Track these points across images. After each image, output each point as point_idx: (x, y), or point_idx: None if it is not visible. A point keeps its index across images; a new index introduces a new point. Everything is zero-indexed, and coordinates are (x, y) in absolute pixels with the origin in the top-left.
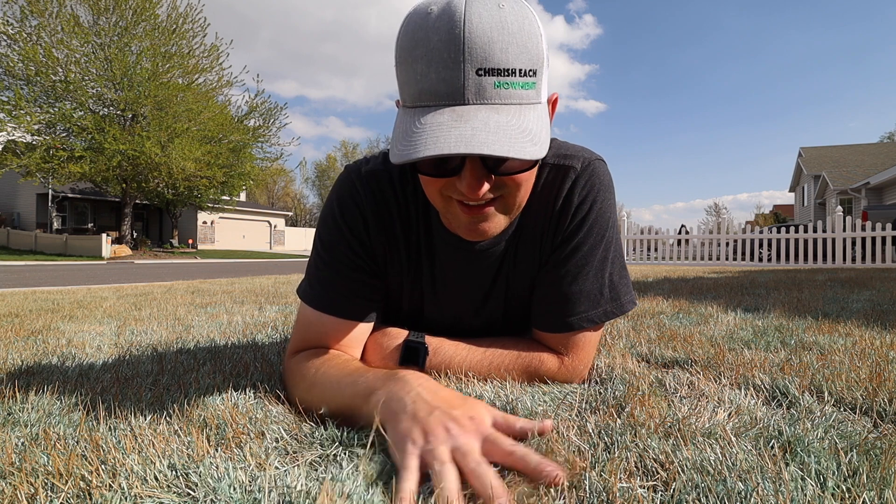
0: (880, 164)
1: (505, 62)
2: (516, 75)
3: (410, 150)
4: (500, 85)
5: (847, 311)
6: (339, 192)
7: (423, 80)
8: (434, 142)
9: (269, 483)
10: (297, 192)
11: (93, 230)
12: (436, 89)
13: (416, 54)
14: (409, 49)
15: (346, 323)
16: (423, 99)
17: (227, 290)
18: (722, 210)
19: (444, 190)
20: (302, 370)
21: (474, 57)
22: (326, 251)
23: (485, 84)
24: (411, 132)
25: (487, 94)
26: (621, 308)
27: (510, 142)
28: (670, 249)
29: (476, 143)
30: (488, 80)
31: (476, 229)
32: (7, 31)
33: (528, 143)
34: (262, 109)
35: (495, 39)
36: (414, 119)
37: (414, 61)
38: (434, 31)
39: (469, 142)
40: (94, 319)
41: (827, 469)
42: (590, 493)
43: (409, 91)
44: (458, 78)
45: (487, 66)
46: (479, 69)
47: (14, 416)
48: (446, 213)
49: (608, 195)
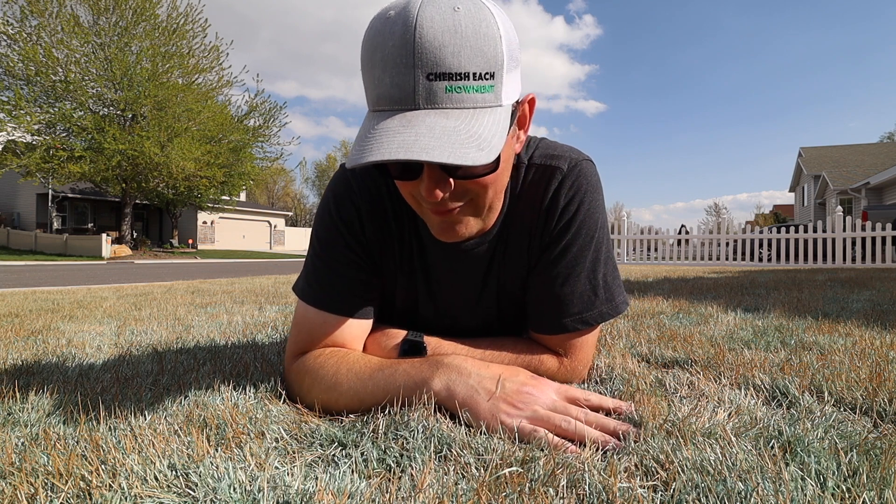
0: (880, 164)
1: (457, 66)
2: (470, 79)
3: (358, 155)
4: (451, 89)
5: (847, 311)
6: (334, 189)
7: (380, 84)
8: (378, 147)
9: (268, 483)
10: (297, 192)
11: (93, 230)
12: (390, 94)
13: (374, 59)
14: (369, 53)
15: (345, 320)
16: (380, 104)
17: (227, 290)
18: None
19: (414, 193)
20: (315, 372)
21: (424, 62)
22: (323, 248)
23: (435, 89)
24: (365, 137)
25: (438, 99)
26: (616, 309)
27: (452, 147)
28: (670, 249)
29: (417, 148)
30: (439, 85)
31: (448, 231)
32: (7, 31)
33: (474, 148)
34: (262, 109)
35: (447, 43)
36: (371, 124)
37: (373, 66)
38: (389, 37)
39: (410, 148)
40: (94, 319)
41: (827, 469)
42: (590, 493)
43: (370, 96)
44: (409, 83)
45: (438, 71)
46: (430, 74)
47: (14, 416)
48: (421, 215)
49: (596, 196)
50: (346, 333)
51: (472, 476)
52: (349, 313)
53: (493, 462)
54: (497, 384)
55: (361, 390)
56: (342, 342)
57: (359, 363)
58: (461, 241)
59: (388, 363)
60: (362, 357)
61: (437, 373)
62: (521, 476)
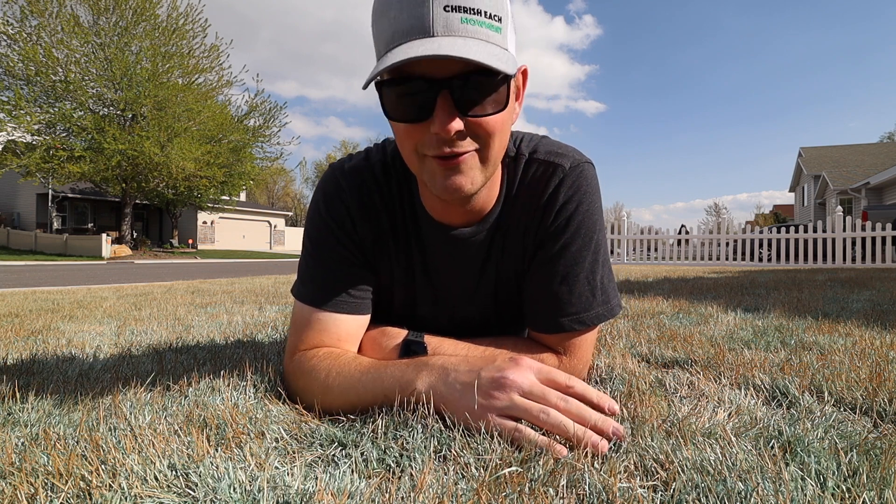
0: (880, 164)
1: (470, 1)
2: (482, 15)
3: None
4: (466, 21)
5: (847, 311)
6: (323, 190)
7: (395, 22)
8: (405, 55)
9: (268, 483)
10: (297, 192)
11: (93, 230)
12: (406, 27)
13: (389, 3)
14: (382, 3)
15: (340, 318)
16: (395, 40)
17: (227, 290)
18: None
19: (419, 146)
20: (311, 374)
21: None
22: (315, 248)
23: (451, 19)
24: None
25: (454, 28)
26: (611, 311)
27: (479, 54)
28: (670, 249)
29: (444, 49)
30: (455, 16)
31: (452, 184)
32: (7, 31)
33: (495, 59)
34: (262, 109)
35: None
36: (384, 57)
37: (388, 9)
38: None
39: (437, 51)
40: (94, 319)
41: (827, 469)
42: (590, 493)
43: (385, 39)
44: (426, 14)
45: (453, 3)
46: (446, 6)
47: (14, 416)
48: (422, 175)
49: (595, 198)
50: (342, 330)
51: (471, 476)
52: (344, 310)
53: (492, 462)
54: (476, 378)
55: (351, 393)
56: (338, 339)
57: (349, 365)
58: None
59: (376, 365)
60: (354, 359)
61: (421, 374)
62: (520, 476)
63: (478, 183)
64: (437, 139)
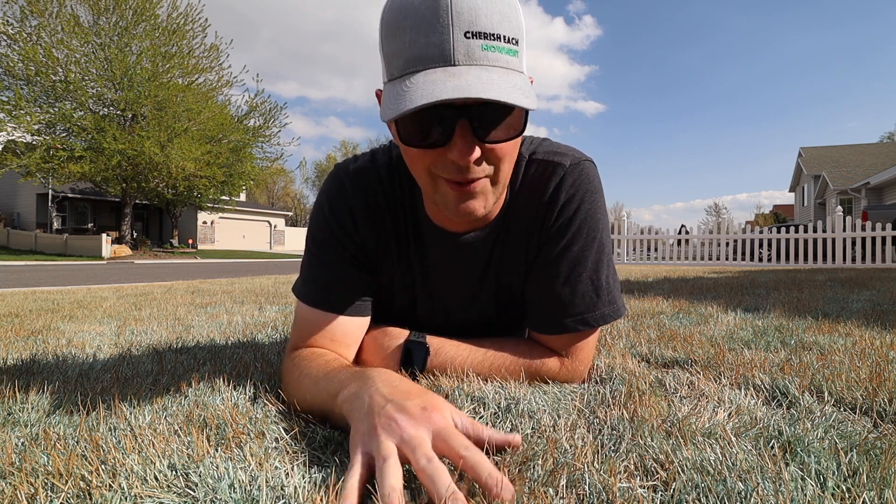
0: (880, 164)
1: (490, 27)
2: (501, 41)
3: (404, 103)
4: (487, 48)
5: (847, 311)
6: (328, 191)
7: (412, 47)
8: (430, 93)
9: (268, 483)
10: (297, 192)
11: (93, 230)
12: (424, 54)
13: (403, 25)
14: (396, 21)
15: (341, 318)
16: (411, 65)
17: (227, 290)
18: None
19: (433, 167)
20: (292, 370)
21: (461, 20)
22: (318, 249)
23: (473, 46)
24: (401, 92)
25: (476, 56)
26: (617, 312)
27: (504, 91)
28: (670, 249)
29: (474, 90)
30: (475, 43)
31: (464, 208)
32: (7, 31)
33: (521, 95)
34: (263, 109)
35: (480, 5)
36: (402, 84)
37: (401, 32)
38: (421, 1)
39: (466, 90)
40: (94, 319)
41: (827, 469)
42: (590, 493)
43: (398, 62)
44: (447, 41)
45: (475, 30)
46: (467, 32)
47: (14, 416)
48: (434, 195)
49: (597, 197)
50: (342, 331)
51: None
52: (344, 311)
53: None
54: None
55: (311, 395)
56: (338, 340)
57: (318, 367)
58: (465, 233)
59: (337, 370)
60: (326, 362)
61: (350, 385)
62: (521, 476)
63: (489, 205)
64: (453, 165)
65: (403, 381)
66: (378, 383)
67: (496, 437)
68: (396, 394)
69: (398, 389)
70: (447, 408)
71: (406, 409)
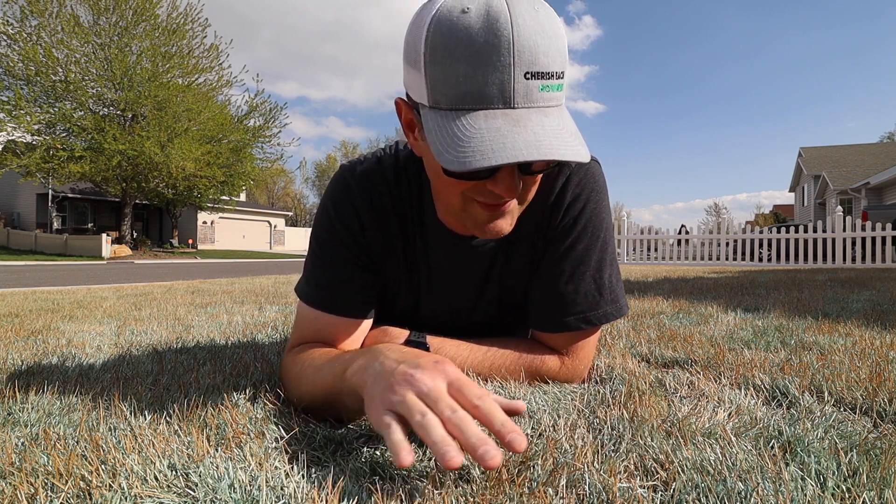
0: (880, 164)
1: (546, 65)
2: (554, 78)
3: (473, 158)
4: (543, 88)
5: (847, 311)
6: (333, 192)
7: (468, 81)
8: (501, 148)
9: (268, 483)
10: (297, 192)
11: (93, 230)
12: (482, 92)
13: (456, 55)
14: (448, 47)
15: (343, 320)
16: (466, 102)
17: (227, 290)
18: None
19: (468, 192)
20: (292, 366)
21: (522, 60)
22: (322, 250)
23: (531, 88)
24: (463, 137)
25: (534, 98)
26: (619, 311)
27: (568, 145)
28: (670, 249)
29: (545, 148)
30: (534, 84)
31: (493, 227)
32: (7, 31)
33: (580, 144)
34: (263, 109)
35: (539, 43)
36: (457, 122)
37: (454, 62)
38: (479, 32)
39: (539, 147)
40: (94, 319)
41: (827, 469)
42: (590, 493)
43: (447, 92)
44: (507, 81)
45: (534, 70)
46: (527, 73)
47: (14, 416)
48: (461, 214)
49: (602, 196)
50: (343, 332)
51: (472, 478)
52: (346, 313)
53: None
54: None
55: (313, 383)
56: (339, 340)
57: (321, 357)
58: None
59: (340, 353)
60: (327, 352)
61: (360, 358)
62: (521, 476)
63: (514, 221)
64: (491, 193)
65: (411, 349)
66: (386, 351)
67: (502, 400)
68: (408, 355)
69: (408, 353)
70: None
71: (420, 365)
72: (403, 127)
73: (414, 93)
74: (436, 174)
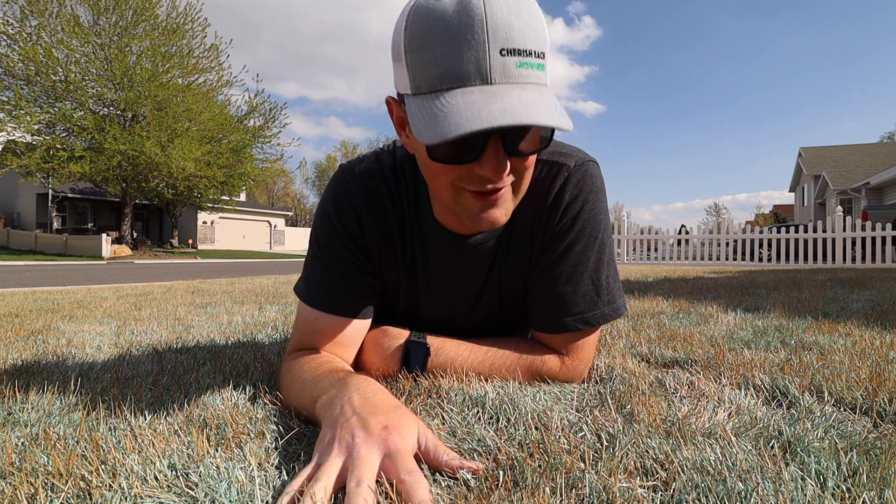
0: (880, 164)
1: (522, 43)
2: (533, 56)
3: (448, 126)
4: (521, 65)
5: (847, 311)
6: (333, 192)
7: (445, 62)
8: (476, 116)
9: (268, 483)
10: (297, 193)
11: (93, 230)
12: (459, 71)
13: (433, 37)
14: (424, 32)
15: (342, 320)
16: (445, 82)
17: (227, 290)
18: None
19: (457, 181)
20: (286, 374)
21: (497, 37)
22: (322, 250)
23: (508, 64)
24: (440, 113)
25: (511, 74)
26: (617, 311)
27: (545, 113)
28: (670, 249)
29: (520, 115)
30: (511, 60)
31: (486, 217)
32: (7, 31)
33: (559, 116)
34: (263, 109)
35: (513, 21)
36: (436, 101)
37: (431, 45)
38: (452, 15)
39: (514, 115)
40: (94, 319)
41: (827, 469)
42: (590, 493)
43: (427, 76)
44: (483, 58)
45: (509, 47)
46: (503, 49)
47: (14, 416)
48: (454, 206)
49: (600, 197)
50: (343, 332)
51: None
52: (345, 313)
53: (488, 464)
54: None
55: (299, 399)
56: (339, 341)
57: (309, 372)
58: (472, 235)
59: (324, 374)
60: (317, 364)
61: (329, 391)
62: (510, 480)
63: (510, 212)
64: (480, 178)
65: (379, 393)
66: (352, 392)
67: (454, 462)
68: (366, 408)
69: (369, 402)
70: (412, 427)
71: (367, 426)
72: (395, 126)
73: (400, 86)
74: (426, 166)
